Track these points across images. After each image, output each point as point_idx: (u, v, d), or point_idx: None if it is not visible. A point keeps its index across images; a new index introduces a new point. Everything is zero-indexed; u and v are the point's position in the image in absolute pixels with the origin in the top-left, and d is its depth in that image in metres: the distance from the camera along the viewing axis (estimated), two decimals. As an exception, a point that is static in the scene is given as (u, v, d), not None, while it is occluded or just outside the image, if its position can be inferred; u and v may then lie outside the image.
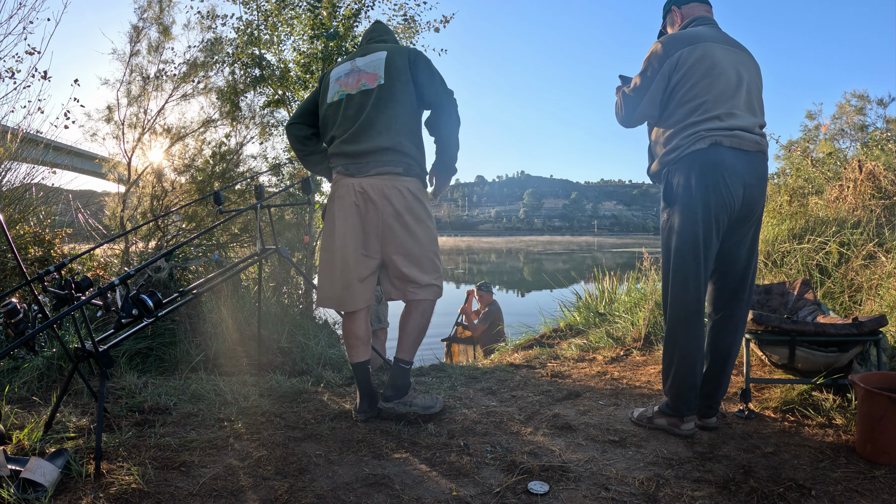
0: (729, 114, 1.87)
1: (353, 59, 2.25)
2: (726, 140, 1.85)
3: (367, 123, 2.10)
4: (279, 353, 3.25)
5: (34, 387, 2.44)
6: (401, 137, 2.09)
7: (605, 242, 73.62)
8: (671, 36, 2.01)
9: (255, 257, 2.79)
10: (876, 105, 11.21)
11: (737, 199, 1.88)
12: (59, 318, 1.68)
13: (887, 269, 3.14)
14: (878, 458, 1.73)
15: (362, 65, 2.18)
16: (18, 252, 2.55)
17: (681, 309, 1.94)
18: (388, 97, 2.10)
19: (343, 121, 2.14)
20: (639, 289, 4.46)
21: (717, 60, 1.90)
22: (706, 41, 1.93)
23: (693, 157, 1.87)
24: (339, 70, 2.23)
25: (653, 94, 1.98)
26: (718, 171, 1.84)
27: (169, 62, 4.17)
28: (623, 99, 2.08)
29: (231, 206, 4.12)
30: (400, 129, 2.09)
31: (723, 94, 1.89)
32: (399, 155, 2.09)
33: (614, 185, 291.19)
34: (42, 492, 1.47)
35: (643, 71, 2.01)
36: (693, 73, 1.90)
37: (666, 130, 1.98)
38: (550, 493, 1.58)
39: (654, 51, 1.99)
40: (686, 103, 1.91)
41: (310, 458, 1.82)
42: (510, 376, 2.95)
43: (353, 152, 2.09)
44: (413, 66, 2.13)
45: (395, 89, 2.10)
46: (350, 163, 2.11)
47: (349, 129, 2.11)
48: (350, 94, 2.14)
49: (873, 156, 4.24)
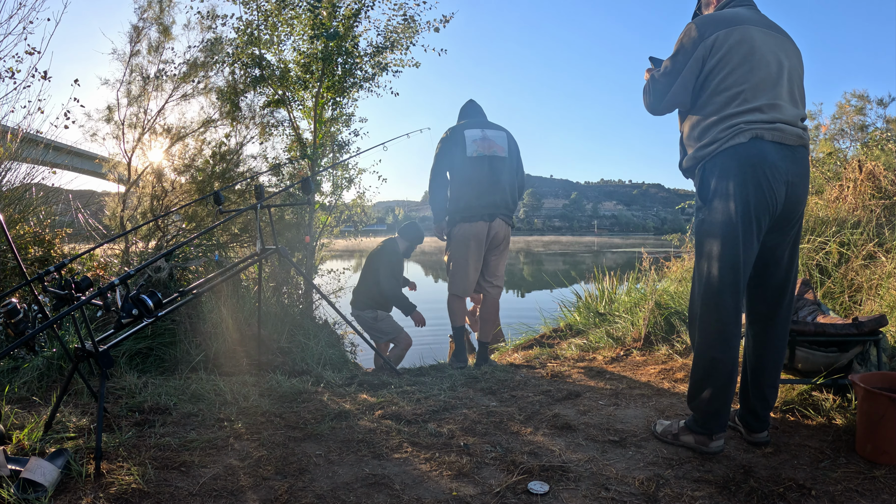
0: (770, 105, 1.72)
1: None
2: (768, 134, 1.70)
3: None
4: (279, 353, 3.25)
5: (34, 387, 2.44)
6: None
7: (606, 242, 73.61)
8: (706, 17, 1.85)
9: (255, 257, 2.79)
10: (876, 105, 11.20)
11: (779, 199, 1.72)
12: (59, 318, 1.68)
13: (887, 269, 3.14)
14: (878, 458, 1.73)
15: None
16: (18, 252, 2.55)
17: (715, 319, 1.76)
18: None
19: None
20: (639, 289, 4.46)
21: (756, 45, 1.75)
22: (745, 23, 1.77)
23: (732, 152, 1.71)
24: None
25: (685, 80, 1.82)
26: (760, 169, 1.69)
27: (169, 62, 4.17)
28: (651, 83, 1.91)
29: (231, 206, 4.12)
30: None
31: (763, 83, 1.73)
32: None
33: (614, 185, 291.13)
34: (42, 492, 1.47)
35: (674, 54, 1.85)
36: (730, 58, 1.74)
37: (700, 122, 1.81)
38: (550, 493, 1.58)
39: (687, 32, 1.83)
40: (722, 92, 1.75)
41: (310, 458, 1.82)
42: (510, 376, 2.95)
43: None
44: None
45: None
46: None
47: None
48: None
49: (873, 156, 4.24)
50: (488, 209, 3.13)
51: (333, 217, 4.71)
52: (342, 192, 4.75)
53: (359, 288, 4.33)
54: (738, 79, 1.74)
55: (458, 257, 3.23)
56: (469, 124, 3.26)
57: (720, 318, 1.75)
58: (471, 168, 3.14)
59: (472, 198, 3.13)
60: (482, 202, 3.13)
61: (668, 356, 3.24)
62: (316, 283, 4.43)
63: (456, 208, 3.21)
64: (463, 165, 3.15)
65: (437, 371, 3.19)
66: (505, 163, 3.20)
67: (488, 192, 3.12)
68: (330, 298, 3.83)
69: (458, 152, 3.16)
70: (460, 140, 3.16)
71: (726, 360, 1.76)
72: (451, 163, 3.20)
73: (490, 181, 3.13)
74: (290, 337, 3.47)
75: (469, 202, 3.14)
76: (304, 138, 4.46)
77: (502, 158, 3.19)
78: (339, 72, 4.30)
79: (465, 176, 3.16)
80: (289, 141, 4.53)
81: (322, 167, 4.39)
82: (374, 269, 4.28)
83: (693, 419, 1.85)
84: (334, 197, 4.71)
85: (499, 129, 3.27)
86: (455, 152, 3.18)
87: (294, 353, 3.30)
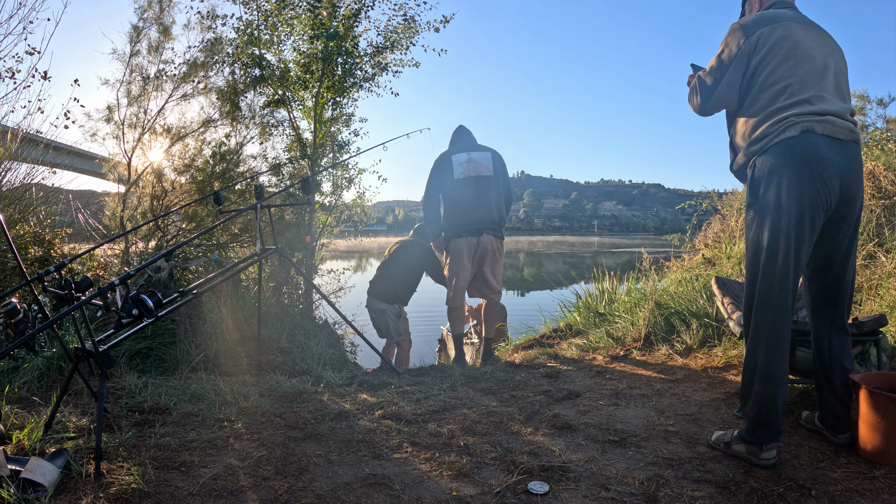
0: (818, 97, 1.70)
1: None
2: (818, 126, 1.66)
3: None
4: (279, 353, 3.25)
5: (34, 387, 2.44)
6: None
7: (610, 242, 73.63)
8: (748, 17, 1.88)
9: (255, 257, 2.79)
10: (876, 105, 11.17)
11: (833, 195, 1.68)
12: (59, 318, 1.68)
13: (887, 269, 3.14)
14: (878, 458, 1.73)
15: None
16: (18, 252, 2.55)
17: (766, 321, 1.71)
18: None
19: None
20: (639, 289, 4.46)
21: (799, 40, 1.75)
22: (787, 21, 1.80)
23: (783, 145, 1.68)
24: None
25: (731, 79, 1.83)
26: (813, 162, 1.64)
27: (169, 62, 4.17)
28: (699, 84, 1.92)
29: (231, 206, 4.12)
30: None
31: (809, 76, 1.72)
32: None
33: (614, 185, 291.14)
34: (42, 492, 1.47)
35: (719, 53, 1.87)
36: (775, 53, 1.75)
37: (749, 119, 1.80)
38: (550, 493, 1.58)
39: (731, 32, 1.85)
40: (769, 87, 1.75)
41: (310, 458, 1.82)
42: (510, 376, 2.95)
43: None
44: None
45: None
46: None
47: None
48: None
49: (873, 156, 4.23)
50: (475, 225, 3.43)
51: (333, 217, 4.71)
52: (342, 192, 4.76)
53: (390, 282, 4.23)
54: (783, 73, 1.74)
55: (451, 270, 3.53)
56: (456, 149, 3.59)
57: (771, 321, 1.72)
58: (458, 189, 3.46)
59: (460, 216, 3.45)
60: (470, 219, 3.44)
61: (668, 356, 3.24)
62: (316, 283, 4.43)
63: (448, 226, 3.53)
64: (451, 187, 3.49)
65: (438, 371, 3.19)
66: (490, 181, 3.49)
67: (475, 210, 3.44)
68: (330, 298, 3.84)
69: (446, 176, 3.50)
70: (448, 164, 3.51)
71: (775, 365, 1.70)
72: (440, 186, 3.56)
73: (476, 200, 3.44)
74: (290, 337, 3.47)
75: (458, 220, 3.46)
76: (304, 138, 4.46)
77: (487, 177, 3.48)
78: (339, 72, 4.31)
79: (454, 196, 3.49)
80: (289, 141, 4.53)
81: (322, 167, 4.39)
82: (411, 268, 4.23)
83: (745, 428, 1.79)
84: (334, 197, 4.71)
85: (485, 150, 3.58)
86: (444, 176, 3.52)
87: (294, 353, 3.30)
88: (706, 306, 3.53)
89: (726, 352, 3.08)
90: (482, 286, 3.60)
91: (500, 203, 3.53)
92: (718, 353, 3.09)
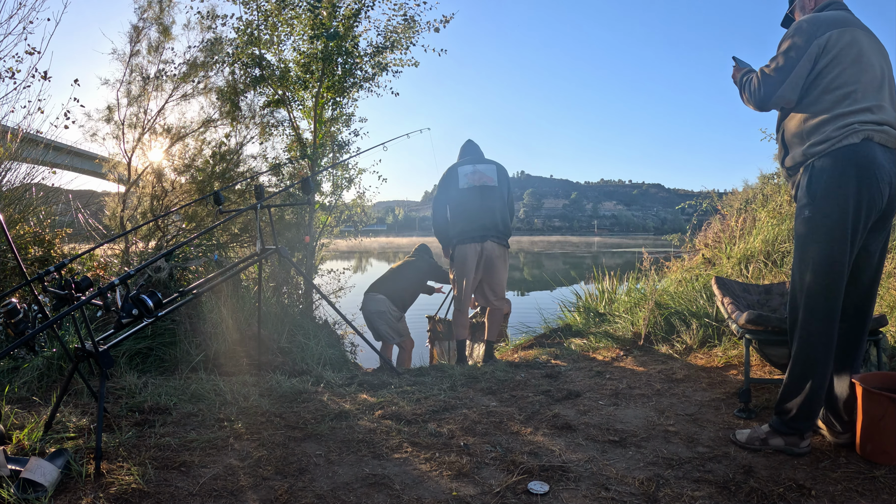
0: (879, 106, 1.76)
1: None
2: (877, 136, 1.73)
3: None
4: (279, 353, 3.25)
5: (34, 387, 2.44)
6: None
7: (611, 242, 73.65)
8: (816, 16, 1.87)
9: (255, 257, 2.79)
10: None
11: (883, 200, 1.75)
12: (59, 318, 1.68)
13: (887, 268, 3.14)
14: (878, 458, 1.73)
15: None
16: (18, 252, 2.55)
17: (820, 320, 1.77)
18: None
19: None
20: (639, 289, 4.46)
21: (864, 48, 1.79)
22: (853, 26, 1.82)
23: (845, 151, 1.73)
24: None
25: (797, 76, 1.83)
26: (871, 170, 1.71)
27: (169, 62, 4.17)
28: (763, 78, 1.90)
29: (231, 206, 4.12)
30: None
31: (871, 85, 1.77)
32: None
33: (614, 185, 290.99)
34: (42, 492, 1.48)
35: (786, 50, 1.85)
36: (843, 58, 1.78)
37: (809, 119, 1.82)
38: (550, 493, 1.58)
39: (800, 28, 1.84)
40: (834, 90, 1.78)
41: (310, 458, 1.82)
42: (510, 376, 2.95)
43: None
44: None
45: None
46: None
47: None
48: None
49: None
50: (479, 232, 3.56)
51: (333, 217, 4.71)
52: (342, 192, 4.76)
53: (397, 284, 4.38)
54: (848, 78, 1.77)
55: (457, 275, 3.66)
56: (463, 162, 3.78)
57: (822, 319, 1.77)
58: (463, 198, 3.64)
59: (465, 223, 3.60)
60: (474, 226, 3.57)
61: (668, 356, 3.24)
62: (316, 283, 4.43)
63: (454, 233, 3.67)
64: (458, 196, 3.66)
65: (438, 371, 3.19)
66: (495, 191, 3.64)
67: (479, 218, 3.57)
68: (330, 298, 3.84)
69: (452, 186, 3.69)
70: (454, 176, 3.71)
71: (825, 362, 1.78)
72: (447, 196, 3.73)
73: (480, 208, 3.59)
74: (290, 337, 3.47)
75: (463, 227, 3.60)
76: (304, 138, 4.46)
77: (492, 188, 3.64)
78: (339, 72, 4.30)
79: (459, 205, 3.65)
80: (289, 141, 4.53)
81: (322, 167, 4.39)
82: (417, 281, 4.48)
83: (781, 421, 1.86)
84: (334, 197, 4.71)
85: (490, 163, 3.76)
86: (451, 186, 3.70)
87: (294, 353, 3.30)
88: (706, 306, 3.53)
89: (726, 352, 3.08)
90: (486, 292, 3.70)
91: (503, 212, 3.65)
92: (718, 353, 3.09)
